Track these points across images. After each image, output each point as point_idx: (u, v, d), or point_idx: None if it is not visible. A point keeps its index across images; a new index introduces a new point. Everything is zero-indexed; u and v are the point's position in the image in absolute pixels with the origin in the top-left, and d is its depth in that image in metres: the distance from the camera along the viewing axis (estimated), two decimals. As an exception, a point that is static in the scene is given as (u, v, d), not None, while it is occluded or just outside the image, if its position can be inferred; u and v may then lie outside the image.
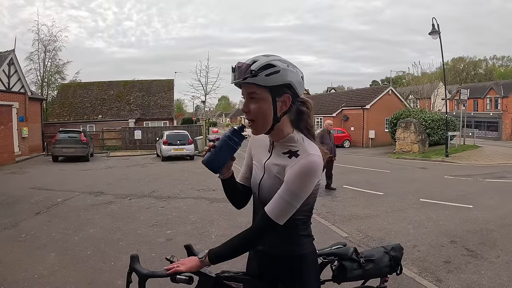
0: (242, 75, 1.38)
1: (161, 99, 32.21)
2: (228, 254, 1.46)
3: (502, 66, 70.76)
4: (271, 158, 1.52)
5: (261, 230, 1.42)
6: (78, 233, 5.62)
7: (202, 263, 1.46)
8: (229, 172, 1.58)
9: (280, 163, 1.46)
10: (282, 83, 1.39)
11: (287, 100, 1.43)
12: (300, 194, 1.38)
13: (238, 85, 1.46)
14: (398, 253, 1.92)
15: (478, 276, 4.00)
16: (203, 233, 5.65)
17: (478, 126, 37.60)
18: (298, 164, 1.38)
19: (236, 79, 1.41)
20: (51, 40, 35.70)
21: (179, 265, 1.45)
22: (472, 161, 16.70)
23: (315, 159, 1.38)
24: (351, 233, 5.75)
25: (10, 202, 7.80)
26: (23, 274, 4.01)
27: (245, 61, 1.42)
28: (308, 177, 1.37)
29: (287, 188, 1.38)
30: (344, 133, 28.94)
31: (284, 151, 1.48)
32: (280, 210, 1.38)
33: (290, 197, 1.37)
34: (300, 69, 1.47)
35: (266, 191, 1.49)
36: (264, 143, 1.60)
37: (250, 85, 1.40)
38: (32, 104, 21.63)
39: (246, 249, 1.50)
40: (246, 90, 1.43)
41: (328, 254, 1.84)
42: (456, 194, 8.66)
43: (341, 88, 70.69)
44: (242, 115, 21.80)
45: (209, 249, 1.48)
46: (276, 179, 1.45)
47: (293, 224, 1.46)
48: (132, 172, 13.55)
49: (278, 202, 1.38)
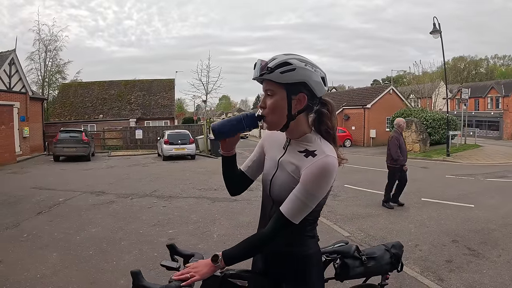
0: (260, 71, 1.42)
1: (162, 99, 32.23)
2: (243, 254, 1.45)
3: (503, 66, 70.58)
4: (286, 155, 1.52)
5: (277, 229, 1.41)
6: (80, 233, 5.63)
7: (217, 268, 1.42)
8: (232, 151, 1.61)
9: (296, 162, 1.46)
10: (297, 81, 1.40)
11: (302, 99, 1.43)
12: (316, 195, 1.39)
13: (260, 81, 1.49)
14: (398, 250, 1.96)
15: (480, 276, 4.00)
16: (205, 233, 5.65)
17: (479, 125, 37.55)
18: (315, 164, 1.38)
19: (255, 75, 1.46)
20: (52, 40, 35.82)
21: (193, 273, 1.39)
22: (473, 160, 16.68)
23: (332, 161, 1.39)
24: (353, 232, 5.75)
25: (11, 202, 7.82)
26: (25, 274, 4.01)
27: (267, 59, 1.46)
28: (325, 178, 1.38)
29: (303, 188, 1.38)
30: (345, 133, 28.90)
31: (300, 149, 1.48)
32: (296, 210, 1.39)
33: (306, 198, 1.38)
34: (322, 70, 1.48)
35: (278, 188, 1.49)
36: (280, 139, 1.60)
37: (267, 82, 1.44)
38: (33, 104, 21.67)
39: (261, 249, 1.47)
40: (264, 87, 1.47)
41: (331, 252, 1.86)
42: (458, 194, 8.66)
43: (342, 87, 70.58)
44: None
45: (222, 251, 1.44)
46: (290, 177, 1.45)
47: (300, 224, 1.46)
48: (134, 172, 13.56)
49: (294, 202, 1.39)
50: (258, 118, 1.49)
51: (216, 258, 1.41)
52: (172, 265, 1.54)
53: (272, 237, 1.42)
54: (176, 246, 1.60)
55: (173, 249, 1.58)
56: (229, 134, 1.52)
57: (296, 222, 1.40)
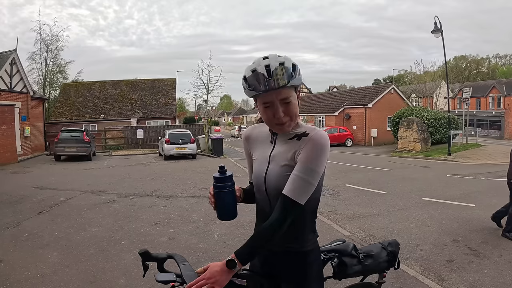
0: (285, 79, 1.36)
1: (163, 98, 32.23)
2: (256, 249, 1.39)
3: (504, 65, 70.44)
4: (276, 148, 1.53)
5: (284, 213, 1.37)
6: (80, 232, 5.63)
7: (234, 271, 1.36)
8: (240, 196, 1.62)
9: (289, 150, 1.46)
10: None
11: (299, 94, 1.49)
12: (317, 169, 1.39)
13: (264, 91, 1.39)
14: (395, 248, 1.97)
15: (481, 275, 3.99)
16: (206, 232, 5.65)
17: (480, 124, 37.45)
18: (310, 141, 1.40)
19: (277, 84, 1.36)
20: (53, 39, 35.83)
21: (211, 286, 1.32)
22: (474, 160, 16.65)
23: (324, 134, 1.42)
24: (354, 231, 5.74)
25: (12, 201, 7.83)
26: (25, 273, 4.02)
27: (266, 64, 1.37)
28: (322, 151, 1.39)
29: (303, 166, 1.38)
30: (347, 132, 28.92)
31: (290, 137, 1.49)
32: (299, 189, 1.37)
33: (307, 174, 1.37)
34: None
35: (273, 180, 1.47)
36: (262, 136, 1.61)
37: (287, 89, 1.40)
38: (34, 104, 21.68)
39: (273, 238, 1.38)
40: (284, 95, 1.40)
41: (328, 251, 1.86)
42: (459, 193, 8.64)
43: (343, 86, 70.62)
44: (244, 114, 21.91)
45: (234, 253, 1.37)
46: (285, 167, 1.45)
47: (299, 219, 1.46)
48: (134, 171, 13.57)
49: (296, 181, 1.38)
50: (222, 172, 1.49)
51: (233, 263, 1.34)
52: (168, 277, 1.48)
53: (282, 222, 1.37)
54: (150, 251, 1.53)
55: (146, 255, 1.51)
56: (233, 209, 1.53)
57: (302, 203, 1.38)
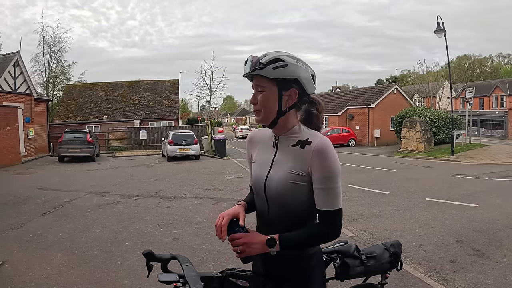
0: (252, 67, 1.44)
1: (166, 99, 32.31)
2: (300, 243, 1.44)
3: (507, 64, 70.12)
4: (279, 154, 1.52)
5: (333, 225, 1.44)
6: (84, 233, 5.66)
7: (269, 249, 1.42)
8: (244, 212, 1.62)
9: (294, 158, 1.46)
10: (288, 77, 1.43)
11: (293, 94, 1.46)
12: (334, 173, 1.41)
13: (250, 78, 1.51)
14: (397, 249, 1.97)
15: (484, 276, 3.98)
16: (209, 233, 5.66)
17: (483, 124, 37.31)
18: (316, 154, 1.41)
19: (244, 71, 1.47)
20: (56, 41, 36.04)
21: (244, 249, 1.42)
22: (478, 160, 16.59)
23: (326, 141, 1.43)
24: (357, 232, 5.74)
25: (17, 203, 7.87)
26: (30, 274, 4.05)
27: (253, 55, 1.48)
28: (331, 158, 1.41)
29: (321, 178, 1.41)
30: (350, 132, 28.89)
31: (292, 143, 1.49)
32: (330, 198, 1.42)
33: (329, 183, 1.41)
34: (311, 68, 1.51)
35: (275, 184, 1.47)
36: (265, 140, 1.62)
37: (258, 77, 1.46)
38: (38, 105, 21.78)
39: (317, 244, 1.52)
40: (255, 82, 1.48)
41: (330, 252, 1.86)
42: (462, 193, 8.61)
43: (346, 87, 70.50)
44: (247, 115, 21.93)
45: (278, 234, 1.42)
46: (287, 173, 1.45)
47: (302, 223, 1.47)
48: (138, 172, 13.61)
49: (324, 193, 1.42)
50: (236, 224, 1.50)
51: (273, 242, 1.40)
52: (171, 278, 1.48)
53: (334, 235, 1.45)
54: (153, 252, 1.55)
55: (150, 256, 1.53)
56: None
57: (341, 205, 1.44)
